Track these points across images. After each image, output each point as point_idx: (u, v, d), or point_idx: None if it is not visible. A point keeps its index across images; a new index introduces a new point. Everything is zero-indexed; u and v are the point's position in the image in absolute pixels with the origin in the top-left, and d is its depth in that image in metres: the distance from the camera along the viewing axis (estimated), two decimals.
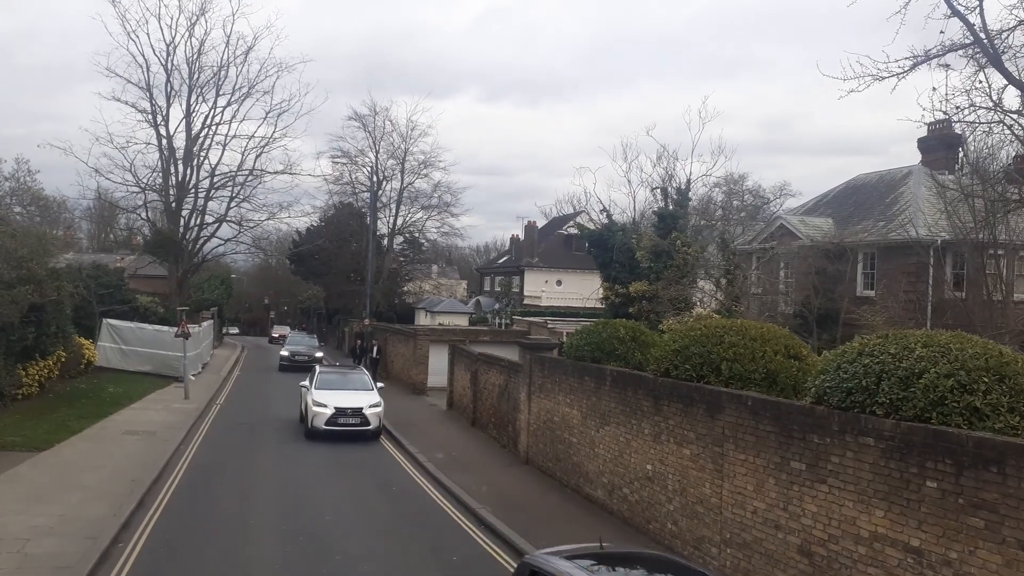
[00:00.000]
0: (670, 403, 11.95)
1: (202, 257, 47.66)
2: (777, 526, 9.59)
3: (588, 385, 15.04)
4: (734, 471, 10.41)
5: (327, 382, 22.32)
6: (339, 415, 20.71)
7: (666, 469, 12.06)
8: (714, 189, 34.01)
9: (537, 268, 59.59)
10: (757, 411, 9.97)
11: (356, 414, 20.95)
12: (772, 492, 9.69)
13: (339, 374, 24.02)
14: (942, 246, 25.55)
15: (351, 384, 22.71)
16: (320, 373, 23.14)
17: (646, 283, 26.55)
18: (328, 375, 23.29)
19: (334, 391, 21.58)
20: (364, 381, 23.21)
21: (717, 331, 11.61)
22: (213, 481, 15.91)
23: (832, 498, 8.76)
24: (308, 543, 12.15)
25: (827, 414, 8.82)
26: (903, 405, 8.00)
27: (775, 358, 11.10)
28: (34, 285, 21.64)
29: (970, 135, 21.05)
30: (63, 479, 14.95)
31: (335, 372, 24.41)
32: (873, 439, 8.21)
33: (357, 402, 21.28)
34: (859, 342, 9.03)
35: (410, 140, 57.33)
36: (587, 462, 14.99)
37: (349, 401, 21.20)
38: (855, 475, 8.45)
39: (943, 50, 15.26)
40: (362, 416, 20.93)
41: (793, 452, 9.35)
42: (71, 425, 20.09)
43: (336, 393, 21.48)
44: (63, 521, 12.27)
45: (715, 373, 11.23)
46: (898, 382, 8.11)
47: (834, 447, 8.73)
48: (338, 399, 21.11)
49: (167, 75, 42.40)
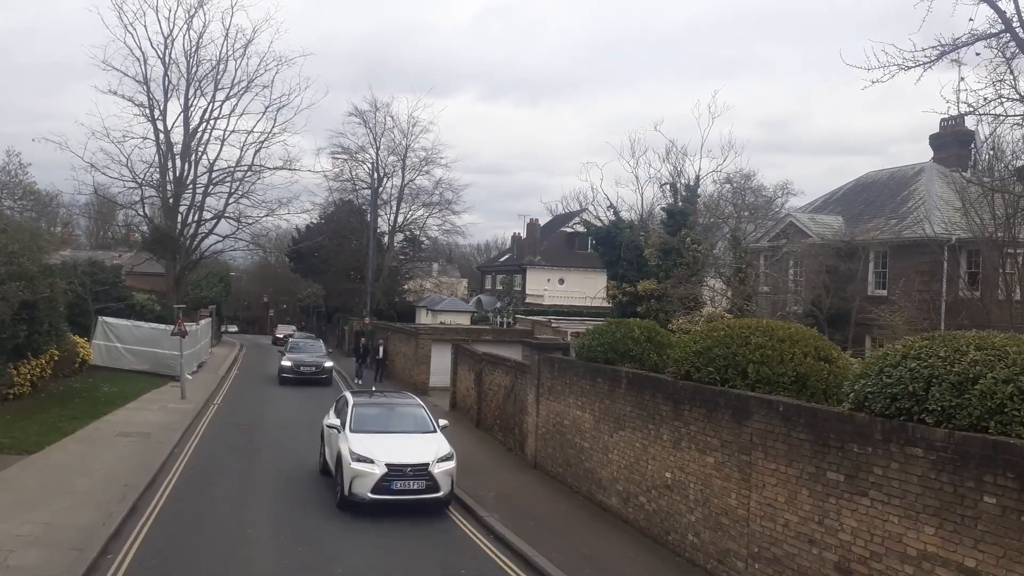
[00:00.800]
0: (692, 408, 11.31)
1: (200, 254, 47.03)
2: (811, 541, 8.95)
3: (601, 387, 14.40)
4: (763, 481, 9.77)
5: (367, 420, 15.34)
6: (394, 476, 13.60)
7: (687, 477, 11.41)
8: (724, 185, 33.38)
9: (539, 266, 58.97)
10: (789, 417, 9.33)
11: (419, 474, 13.80)
12: (806, 504, 9.05)
13: (383, 407, 16.46)
14: (957, 244, 24.97)
15: (403, 421, 15.76)
16: (356, 407, 15.75)
17: (655, 281, 25.93)
18: (368, 409, 15.99)
19: (380, 435, 14.70)
20: (420, 417, 16.06)
21: (742, 332, 10.97)
22: (209, 486, 15.26)
23: (875, 513, 8.12)
24: (308, 551, 11.53)
25: (869, 422, 8.18)
26: (956, 413, 7.36)
27: (805, 360, 10.46)
28: (26, 281, 21.02)
29: (996, 128, 20.40)
30: (52, 484, 14.30)
31: (377, 403, 16.65)
32: (922, 450, 7.56)
33: (418, 453, 14.12)
34: (903, 344, 8.38)
35: (411, 136, 56.69)
36: (600, 468, 14.35)
37: (407, 452, 14.10)
38: (901, 488, 7.81)
39: (973, 38, 14.68)
40: (428, 477, 13.80)
41: (830, 462, 8.70)
42: (63, 426, 19.44)
43: (384, 439, 14.55)
44: (50, 530, 11.62)
45: (741, 376, 10.59)
46: (950, 388, 7.46)
47: (877, 457, 8.09)
48: (390, 449, 14.08)
49: (165, 69, 41.85)
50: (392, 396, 18.20)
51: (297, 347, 36.70)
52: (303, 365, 33.61)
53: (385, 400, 17.21)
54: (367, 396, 17.62)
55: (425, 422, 15.80)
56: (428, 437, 15.12)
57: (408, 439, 14.88)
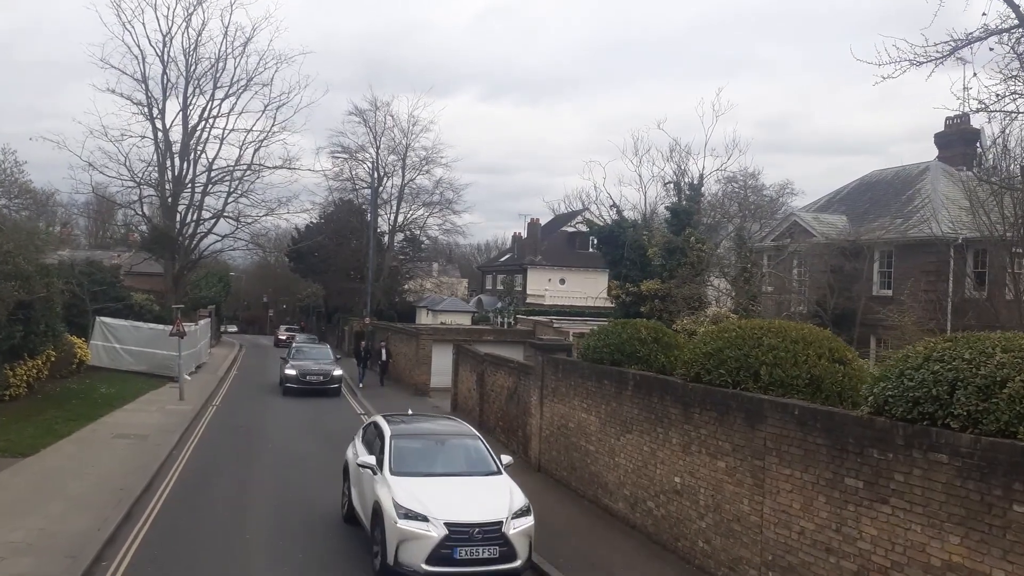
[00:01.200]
0: (702, 411, 11.01)
1: (199, 254, 46.75)
2: (828, 549, 8.65)
3: (608, 389, 14.10)
4: (777, 487, 9.47)
5: (411, 457, 11.61)
6: (458, 540, 10.13)
7: (697, 482, 11.12)
8: (730, 183, 33.08)
9: (540, 266, 58.67)
10: (805, 421, 9.03)
11: (491, 537, 10.27)
12: (823, 512, 8.75)
13: (429, 438, 12.64)
14: (964, 243, 24.69)
15: (457, 458, 12.02)
16: (395, 439, 11.88)
17: (658, 281, 25.63)
18: (410, 441, 12.11)
19: (431, 480, 11.16)
20: (478, 452, 12.16)
21: (754, 333, 10.67)
22: (207, 490, 14.96)
23: (896, 521, 7.82)
24: (306, 559, 11.23)
25: (890, 426, 7.88)
26: (983, 418, 7.06)
27: (819, 362, 10.16)
28: (21, 281, 20.73)
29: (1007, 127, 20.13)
30: (46, 488, 14.00)
31: (421, 434, 12.74)
32: (947, 456, 7.27)
33: (487, 507, 10.61)
34: (924, 345, 8.08)
35: (411, 136, 56.40)
36: (606, 472, 14.05)
37: (471, 506, 10.59)
38: (924, 496, 7.51)
39: (986, 33, 14.38)
40: (502, 541, 10.26)
41: (848, 468, 8.40)
42: (58, 428, 19.14)
43: (437, 485, 11.05)
44: (43, 536, 11.32)
45: (753, 379, 10.28)
46: (976, 391, 7.17)
47: (898, 464, 7.79)
48: (447, 501, 10.55)
49: (163, 67, 41.62)
50: (437, 421, 14.60)
51: (302, 353, 32.75)
52: (309, 374, 30.31)
53: (430, 428, 13.34)
54: (403, 421, 13.34)
55: (485, 459, 11.92)
56: (493, 482, 11.37)
57: (468, 485, 11.25)
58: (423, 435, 12.73)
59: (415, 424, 13.37)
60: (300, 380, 29.82)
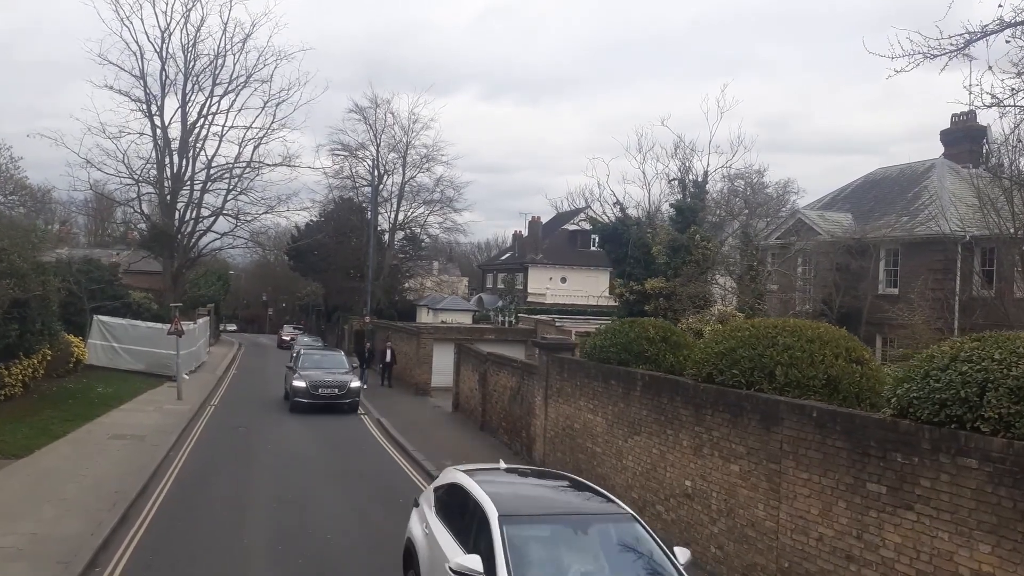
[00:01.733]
0: (714, 412, 10.68)
1: (198, 252, 46.36)
2: (849, 557, 8.33)
3: (615, 390, 13.77)
4: (794, 492, 9.14)
5: (541, 559, 7.25)
6: None
7: (709, 486, 10.79)
8: (737, 180, 32.70)
9: (541, 265, 58.35)
10: (824, 424, 8.70)
11: None
12: (843, 518, 8.42)
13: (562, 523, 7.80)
14: (971, 241, 24.37)
15: (610, 556, 7.43)
16: (506, 523, 7.32)
17: (663, 279, 25.27)
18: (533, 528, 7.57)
19: None
20: (638, 544, 7.56)
21: (769, 332, 10.34)
22: (204, 492, 14.63)
23: (922, 528, 7.50)
24: (307, 566, 10.91)
25: (915, 430, 7.56)
26: (1016, 421, 6.74)
27: (836, 362, 9.84)
28: (17, 279, 20.38)
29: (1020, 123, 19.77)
30: (40, 490, 13.66)
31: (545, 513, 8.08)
32: (977, 460, 6.94)
33: None
34: (951, 345, 7.76)
35: (412, 133, 55.96)
36: (613, 475, 13.72)
37: None
38: (952, 502, 7.19)
39: (1002, 26, 14.02)
40: None
41: (870, 472, 8.08)
42: (54, 429, 18.79)
43: None
44: (35, 541, 10.98)
45: (768, 379, 9.95)
46: (1008, 394, 6.84)
47: (924, 468, 7.46)
48: None
49: (162, 63, 41.16)
50: (550, 481, 9.58)
51: (311, 361, 27.66)
52: (322, 386, 25.68)
53: (552, 499, 8.61)
54: (501, 481, 8.85)
55: (653, 559, 7.42)
56: None
57: None
58: (550, 516, 8.00)
59: (526, 490, 9.03)
60: (311, 394, 25.42)
